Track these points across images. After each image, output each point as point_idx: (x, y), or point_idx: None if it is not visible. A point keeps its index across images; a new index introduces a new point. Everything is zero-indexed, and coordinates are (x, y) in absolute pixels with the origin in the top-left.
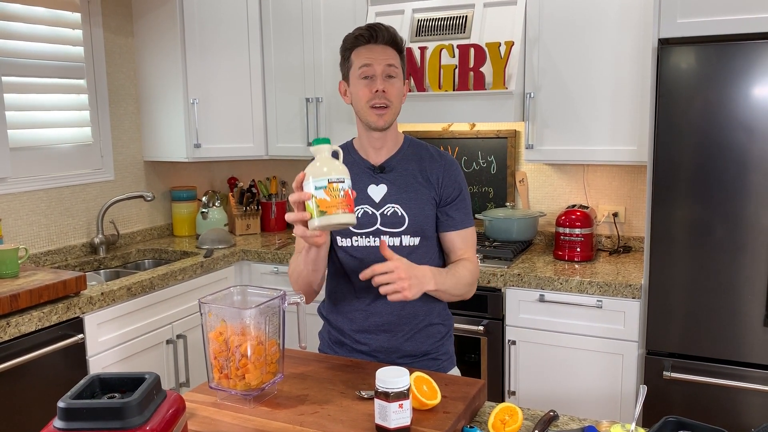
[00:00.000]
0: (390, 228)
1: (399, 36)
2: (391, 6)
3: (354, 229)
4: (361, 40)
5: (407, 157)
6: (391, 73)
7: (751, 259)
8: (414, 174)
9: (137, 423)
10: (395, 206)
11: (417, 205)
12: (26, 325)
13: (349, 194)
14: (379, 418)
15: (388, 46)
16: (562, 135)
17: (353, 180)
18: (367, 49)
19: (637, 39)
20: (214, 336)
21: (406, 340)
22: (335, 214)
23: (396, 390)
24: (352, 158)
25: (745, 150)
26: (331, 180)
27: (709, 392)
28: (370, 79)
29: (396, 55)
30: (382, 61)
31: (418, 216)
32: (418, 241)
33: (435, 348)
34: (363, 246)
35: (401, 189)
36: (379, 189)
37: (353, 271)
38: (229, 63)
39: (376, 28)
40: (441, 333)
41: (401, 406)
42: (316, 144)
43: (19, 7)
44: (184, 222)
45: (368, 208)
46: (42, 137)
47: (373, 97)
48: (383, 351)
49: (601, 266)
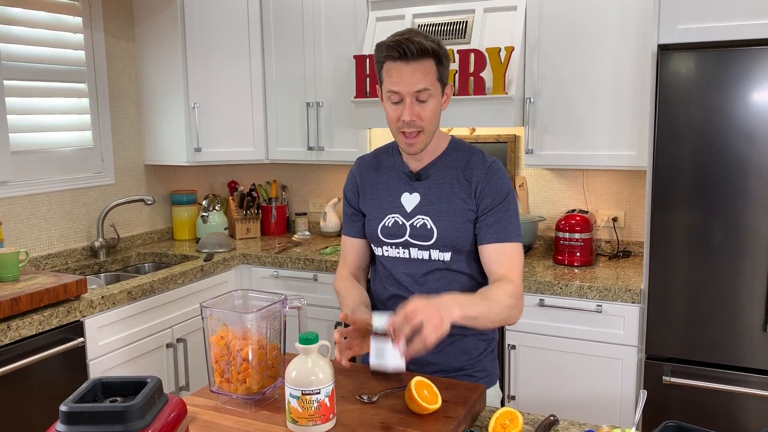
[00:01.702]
0: (419, 241)
1: (433, 42)
2: (392, 11)
3: (384, 237)
4: (391, 54)
5: (449, 163)
6: (422, 98)
7: (751, 264)
8: (452, 182)
9: (139, 427)
10: (425, 218)
11: (448, 218)
12: (27, 329)
13: (325, 404)
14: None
15: (421, 59)
16: (562, 140)
17: (389, 185)
18: (397, 70)
19: (636, 44)
20: (216, 340)
21: (436, 353)
22: (305, 426)
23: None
24: (393, 161)
25: (745, 155)
26: (305, 392)
27: (708, 397)
28: (400, 104)
29: (431, 66)
30: (411, 87)
31: (448, 230)
32: (449, 256)
33: (470, 364)
34: (392, 257)
35: (434, 200)
36: (412, 198)
37: (386, 277)
38: (229, 67)
39: (404, 46)
40: (479, 348)
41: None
42: (303, 343)
43: (20, 11)
44: (184, 226)
45: (399, 217)
46: (43, 141)
47: (402, 124)
48: (413, 362)
49: (600, 271)
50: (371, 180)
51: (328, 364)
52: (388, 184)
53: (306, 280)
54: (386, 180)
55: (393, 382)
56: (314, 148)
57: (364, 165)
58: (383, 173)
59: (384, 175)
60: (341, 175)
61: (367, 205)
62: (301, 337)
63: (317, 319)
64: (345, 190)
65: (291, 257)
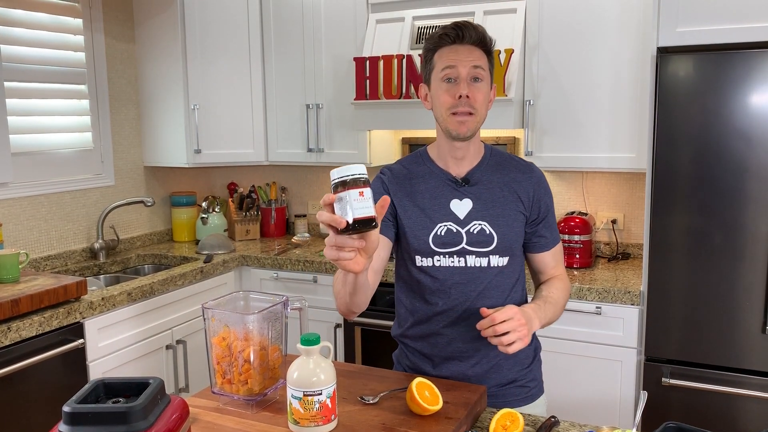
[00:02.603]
0: (477, 247)
1: (489, 36)
2: (392, 13)
3: (437, 247)
4: (445, 39)
5: (491, 168)
6: (478, 76)
7: (750, 266)
8: (501, 186)
9: (142, 427)
10: (483, 223)
11: (506, 222)
12: (27, 330)
13: (326, 405)
14: (340, 214)
15: (476, 46)
16: (562, 142)
17: (433, 193)
18: (452, 49)
19: (636, 47)
20: (217, 341)
21: (490, 368)
22: (307, 427)
23: (352, 176)
24: (429, 169)
25: (744, 158)
26: (306, 393)
27: (707, 399)
28: (454, 82)
29: (484, 56)
30: (468, 63)
31: (507, 234)
32: (506, 261)
33: (523, 374)
34: (445, 266)
35: (488, 204)
36: (463, 204)
37: (432, 292)
38: (229, 69)
39: (463, 27)
40: (529, 358)
41: (362, 194)
42: (305, 344)
43: (21, 13)
44: (183, 227)
45: (452, 225)
46: (43, 142)
47: (456, 103)
48: (466, 379)
49: (600, 273)
50: (406, 189)
51: (330, 365)
52: (430, 192)
53: (306, 281)
54: (426, 188)
55: (395, 384)
56: (314, 149)
57: (395, 174)
58: (420, 182)
59: (421, 183)
60: None
61: (406, 216)
62: (302, 338)
63: (316, 320)
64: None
65: (291, 259)
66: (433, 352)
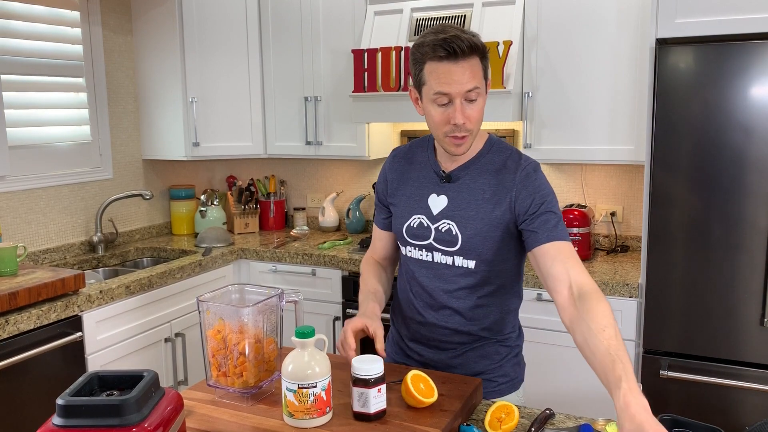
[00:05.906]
0: (443, 246)
1: (479, 39)
2: (390, 5)
3: (409, 238)
4: (438, 54)
5: (483, 165)
6: (471, 97)
7: (748, 258)
8: (483, 188)
9: (135, 420)
10: (450, 223)
11: (474, 225)
12: (25, 323)
13: (321, 397)
14: (358, 405)
15: (469, 57)
16: (560, 134)
17: (420, 183)
18: (445, 70)
19: (634, 39)
20: (213, 334)
21: (455, 357)
22: (302, 419)
23: (375, 376)
24: (426, 158)
25: (743, 150)
26: (301, 386)
27: (705, 391)
28: (448, 105)
29: (478, 63)
30: (462, 87)
31: (473, 238)
32: (473, 264)
33: (491, 369)
34: (416, 258)
35: (461, 205)
36: (439, 200)
37: (411, 278)
38: (228, 62)
39: (453, 44)
40: (500, 354)
41: (380, 390)
42: (300, 337)
43: (18, 6)
44: (182, 220)
45: (425, 219)
46: (41, 135)
47: (451, 128)
48: (433, 364)
49: (598, 265)
50: (401, 174)
51: (325, 358)
52: (418, 181)
53: (304, 274)
54: (416, 177)
55: (390, 375)
56: (312, 142)
57: (398, 158)
58: (415, 169)
59: (415, 171)
60: (340, 169)
61: (394, 200)
62: (297, 330)
63: (315, 313)
64: (377, 182)
65: (289, 252)
66: (407, 334)
